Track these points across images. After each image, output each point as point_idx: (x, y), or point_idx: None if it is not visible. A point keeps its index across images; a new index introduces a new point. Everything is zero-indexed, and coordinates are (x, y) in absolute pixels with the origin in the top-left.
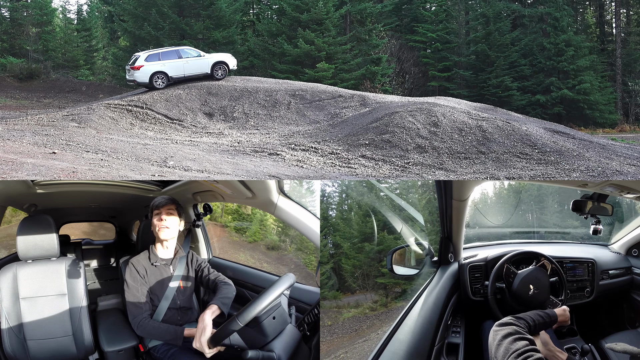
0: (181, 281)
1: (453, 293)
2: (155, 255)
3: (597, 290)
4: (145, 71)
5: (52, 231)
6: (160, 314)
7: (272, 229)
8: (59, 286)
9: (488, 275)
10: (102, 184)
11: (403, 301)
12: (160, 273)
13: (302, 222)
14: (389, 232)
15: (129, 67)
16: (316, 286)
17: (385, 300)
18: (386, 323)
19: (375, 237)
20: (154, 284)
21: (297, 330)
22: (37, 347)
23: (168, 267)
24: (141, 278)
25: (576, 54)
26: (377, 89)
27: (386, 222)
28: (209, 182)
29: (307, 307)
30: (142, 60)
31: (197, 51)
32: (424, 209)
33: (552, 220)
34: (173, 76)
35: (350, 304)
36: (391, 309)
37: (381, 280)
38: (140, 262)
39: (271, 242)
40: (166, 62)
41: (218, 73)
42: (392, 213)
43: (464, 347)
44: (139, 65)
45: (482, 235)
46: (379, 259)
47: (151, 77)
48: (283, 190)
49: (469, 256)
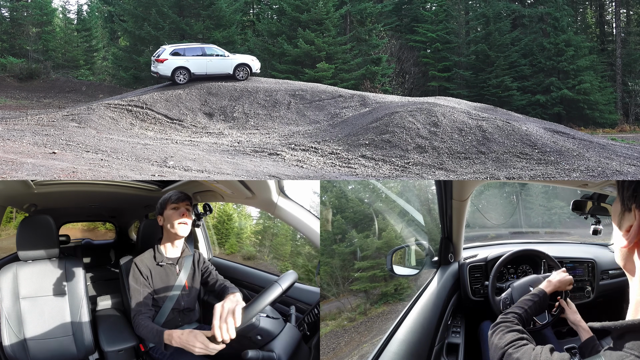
0: (187, 282)
1: (453, 293)
2: (161, 254)
3: (597, 290)
4: (168, 65)
5: (52, 231)
6: (163, 315)
7: (249, 241)
8: (59, 286)
9: (488, 275)
10: (102, 184)
11: (384, 305)
12: (165, 273)
13: (302, 222)
14: (359, 230)
15: (154, 59)
16: (316, 286)
17: (365, 308)
18: (366, 335)
19: (345, 237)
20: (158, 285)
21: (297, 330)
22: (37, 347)
23: (174, 267)
24: (144, 279)
25: (576, 54)
26: (377, 89)
27: (355, 220)
28: (209, 182)
29: (307, 307)
30: (167, 54)
31: (223, 51)
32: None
33: (538, 210)
34: (195, 73)
35: (330, 313)
36: (371, 317)
37: (356, 287)
38: (144, 262)
39: (247, 252)
40: (190, 58)
41: (240, 74)
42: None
43: (464, 347)
44: (163, 58)
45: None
46: (352, 261)
47: (174, 71)
48: (283, 190)
49: (469, 256)
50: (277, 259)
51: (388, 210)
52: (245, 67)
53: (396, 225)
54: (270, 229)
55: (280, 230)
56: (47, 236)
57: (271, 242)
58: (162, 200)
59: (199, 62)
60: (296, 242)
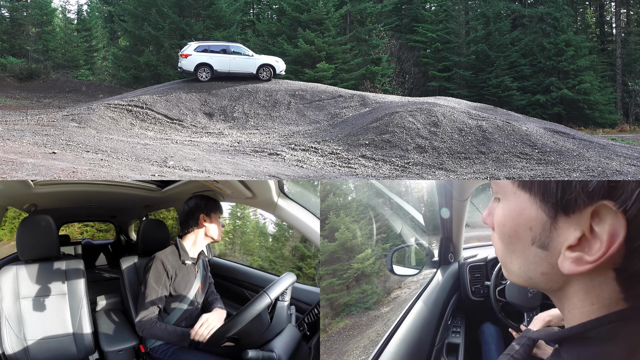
0: (200, 284)
1: (453, 293)
2: (185, 252)
3: None
4: (191, 60)
5: (52, 231)
6: (176, 315)
7: (222, 241)
8: (59, 286)
9: (488, 275)
10: (102, 184)
11: (347, 318)
12: (188, 272)
13: (302, 222)
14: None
15: (179, 54)
16: (316, 286)
17: (324, 323)
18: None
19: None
20: (180, 285)
21: (297, 330)
22: (37, 347)
23: (194, 267)
24: (168, 279)
25: (576, 54)
26: (377, 89)
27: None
28: (209, 182)
29: (307, 307)
30: (191, 50)
31: (248, 50)
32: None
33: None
34: (218, 70)
35: None
36: (331, 334)
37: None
38: (169, 259)
39: (219, 251)
40: (214, 55)
41: (263, 75)
42: (392, 212)
43: (464, 347)
44: (187, 53)
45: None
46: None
47: (196, 67)
48: (283, 190)
49: (469, 256)
50: (247, 254)
51: (344, 206)
52: (268, 68)
53: (354, 223)
54: (239, 227)
55: (248, 228)
56: (47, 236)
57: (241, 239)
58: (214, 206)
59: (223, 59)
60: (262, 237)
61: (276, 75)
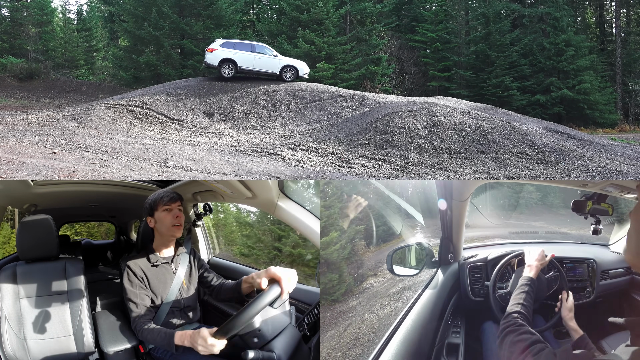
0: (184, 280)
1: (453, 293)
2: (155, 255)
3: (597, 290)
4: (216, 55)
5: (52, 231)
6: (162, 314)
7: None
8: (59, 286)
9: (488, 275)
10: (102, 183)
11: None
12: (161, 273)
13: (302, 222)
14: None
15: (206, 49)
16: (316, 286)
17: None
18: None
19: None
20: (155, 285)
21: (297, 330)
22: (37, 347)
23: (170, 266)
24: (139, 281)
25: (576, 54)
26: (377, 89)
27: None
28: (209, 182)
29: (307, 307)
30: (217, 45)
31: (273, 51)
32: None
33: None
34: (242, 67)
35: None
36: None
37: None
38: (137, 264)
39: (218, 250)
40: (239, 52)
41: (287, 75)
42: (390, 211)
43: (464, 347)
44: (213, 48)
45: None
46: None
47: (220, 62)
48: (283, 190)
49: (469, 256)
50: (229, 244)
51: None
52: (292, 69)
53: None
54: (221, 221)
55: (229, 220)
56: (47, 236)
57: (223, 231)
58: (152, 200)
59: (247, 57)
60: (242, 227)
61: (299, 77)
